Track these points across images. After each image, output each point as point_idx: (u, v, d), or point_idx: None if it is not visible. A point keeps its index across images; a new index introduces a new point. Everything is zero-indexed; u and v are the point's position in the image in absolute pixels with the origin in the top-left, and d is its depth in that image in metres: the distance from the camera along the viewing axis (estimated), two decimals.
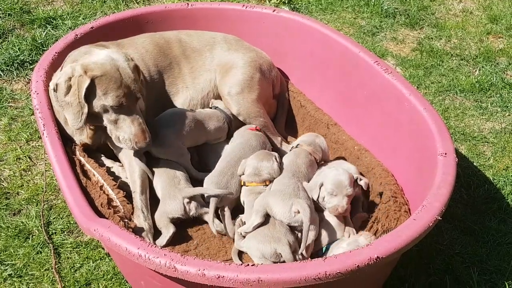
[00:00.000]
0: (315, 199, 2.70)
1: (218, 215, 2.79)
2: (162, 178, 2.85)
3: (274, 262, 2.51)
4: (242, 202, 2.83)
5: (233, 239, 2.70)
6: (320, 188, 2.68)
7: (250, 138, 3.06)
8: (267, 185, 2.80)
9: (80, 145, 2.90)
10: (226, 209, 2.78)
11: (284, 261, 2.48)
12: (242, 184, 2.84)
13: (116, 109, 2.70)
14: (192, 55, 3.31)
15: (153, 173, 2.89)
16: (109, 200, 2.63)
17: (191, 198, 2.76)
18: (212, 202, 2.72)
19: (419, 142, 2.81)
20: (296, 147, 3.00)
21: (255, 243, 2.56)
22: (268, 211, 2.62)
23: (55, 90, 2.67)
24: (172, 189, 2.78)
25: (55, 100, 2.73)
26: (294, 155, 2.94)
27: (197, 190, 2.78)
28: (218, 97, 3.30)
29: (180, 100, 3.22)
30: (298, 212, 2.56)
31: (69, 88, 2.64)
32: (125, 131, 2.73)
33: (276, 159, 2.87)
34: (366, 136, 3.23)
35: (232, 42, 3.40)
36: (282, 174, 2.83)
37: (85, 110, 2.65)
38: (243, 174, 2.84)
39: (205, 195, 2.78)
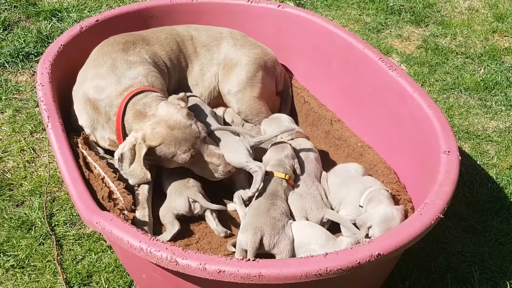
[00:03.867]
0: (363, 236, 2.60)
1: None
2: (173, 176, 2.87)
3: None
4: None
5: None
6: (368, 229, 2.59)
7: None
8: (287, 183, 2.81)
9: (81, 138, 2.90)
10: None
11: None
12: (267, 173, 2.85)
13: (187, 161, 2.75)
14: (201, 51, 3.32)
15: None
16: (110, 193, 2.63)
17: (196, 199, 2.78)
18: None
19: (423, 139, 2.80)
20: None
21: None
22: None
23: (120, 159, 2.70)
24: (180, 186, 2.80)
25: (119, 168, 2.75)
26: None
27: (200, 198, 2.77)
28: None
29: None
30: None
31: (133, 156, 2.69)
32: (212, 167, 2.78)
33: (290, 147, 2.91)
34: (369, 133, 3.22)
35: (238, 38, 3.40)
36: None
37: (148, 176, 2.72)
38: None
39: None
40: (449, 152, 2.56)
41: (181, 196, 2.76)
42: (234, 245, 2.62)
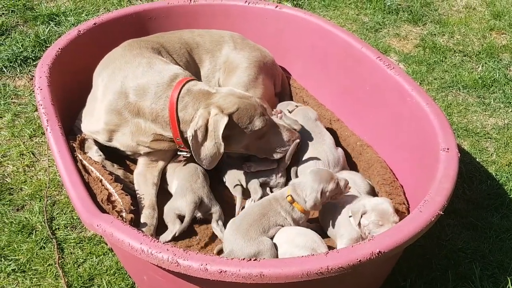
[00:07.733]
0: (356, 225, 2.54)
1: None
2: (182, 173, 2.87)
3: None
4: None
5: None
6: (361, 215, 2.50)
7: None
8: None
9: (77, 142, 2.89)
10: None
11: None
12: None
13: (263, 127, 2.77)
14: (206, 58, 3.33)
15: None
16: (109, 195, 2.63)
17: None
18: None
19: (422, 137, 2.81)
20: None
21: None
22: None
23: (194, 137, 2.64)
24: (186, 187, 2.79)
25: (192, 150, 2.69)
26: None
27: (188, 212, 2.72)
28: None
29: None
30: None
31: (207, 131, 2.65)
32: (279, 139, 2.84)
33: (322, 191, 2.56)
34: (368, 132, 3.23)
35: (238, 41, 3.41)
36: None
37: (222, 149, 2.67)
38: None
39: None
40: (448, 149, 2.57)
41: (184, 198, 2.75)
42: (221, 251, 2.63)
